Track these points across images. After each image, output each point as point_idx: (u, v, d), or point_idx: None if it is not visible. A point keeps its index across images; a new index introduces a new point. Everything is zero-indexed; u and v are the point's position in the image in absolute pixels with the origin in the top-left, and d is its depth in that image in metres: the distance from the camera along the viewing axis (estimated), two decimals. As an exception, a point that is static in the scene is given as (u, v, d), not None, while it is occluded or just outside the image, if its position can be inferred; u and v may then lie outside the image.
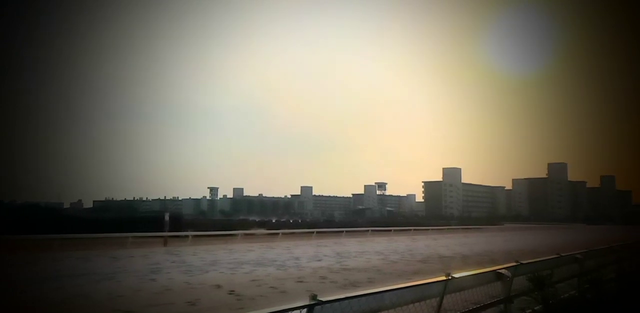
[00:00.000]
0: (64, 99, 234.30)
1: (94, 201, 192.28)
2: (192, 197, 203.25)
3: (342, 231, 52.81)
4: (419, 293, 5.45)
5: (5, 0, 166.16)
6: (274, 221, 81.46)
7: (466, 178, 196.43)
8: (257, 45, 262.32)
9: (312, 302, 3.64)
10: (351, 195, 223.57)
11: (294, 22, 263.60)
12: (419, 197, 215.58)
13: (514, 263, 7.83)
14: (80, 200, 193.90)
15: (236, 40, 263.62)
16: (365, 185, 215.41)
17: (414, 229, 64.65)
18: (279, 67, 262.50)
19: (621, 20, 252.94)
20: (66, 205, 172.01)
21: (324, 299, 3.75)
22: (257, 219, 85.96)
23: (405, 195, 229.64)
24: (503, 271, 7.68)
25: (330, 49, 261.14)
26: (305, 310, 3.64)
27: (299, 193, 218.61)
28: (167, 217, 38.12)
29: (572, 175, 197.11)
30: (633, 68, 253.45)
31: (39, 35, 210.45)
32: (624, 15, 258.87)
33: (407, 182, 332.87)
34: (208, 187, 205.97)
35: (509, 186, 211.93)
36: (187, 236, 37.85)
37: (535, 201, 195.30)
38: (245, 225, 64.13)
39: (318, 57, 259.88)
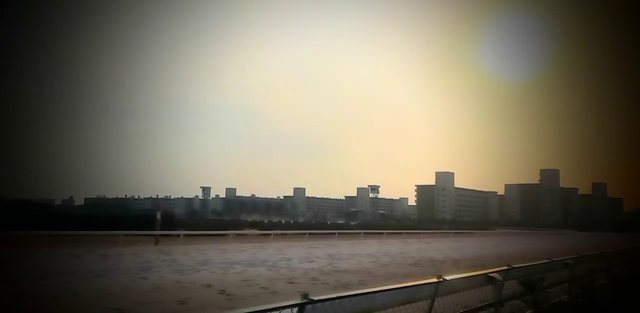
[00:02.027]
0: (57, 97, 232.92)
1: (85, 198, 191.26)
2: (184, 196, 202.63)
3: (334, 233, 52.88)
4: (410, 295, 5.45)
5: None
6: (266, 222, 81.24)
7: (459, 182, 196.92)
8: (252, 45, 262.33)
9: (304, 301, 3.64)
10: (344, 198, 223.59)
11: (289, 23, 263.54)
12: (412, 201, 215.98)
13: (505, 267, 7.84)
14: (71, 197, 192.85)
15: (231, 40, 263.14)
16: (358, 188, 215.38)
17: (406, 232, 64.81)
18: (274, 68, 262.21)
19: (617, 29, 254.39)
20: (57, 202, 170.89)
21: (315, 298, 3.74)
22: (250, 219, 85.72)
23: (398, 198, 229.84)
24: (494, 275, 7.69)
25: (325, 51, 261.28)
26: (296, 308, 3.63)
27: (291, 194, 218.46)
28: (158, 216, 38.04)
29: (564, 182, 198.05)
30: (627, 75, 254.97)
31: (32, 33, 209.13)
32: (620, 24, 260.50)
33: (400, 186, 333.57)
34: (200, 187, 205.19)
35: (501, 191, 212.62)
36: (178, 235, 37.76)
37: (527, 207, 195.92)
38: (237, 225, 63.97)
39: (313, 58, 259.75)
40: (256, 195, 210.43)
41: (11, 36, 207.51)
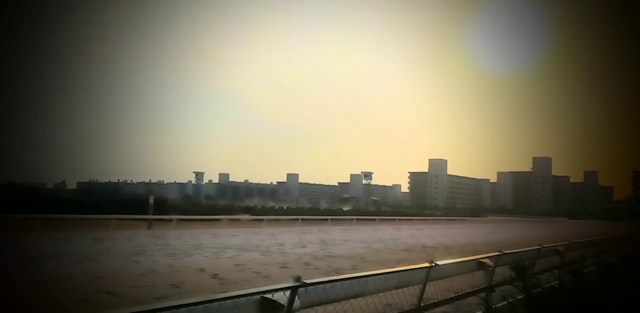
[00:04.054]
0: (50, 82, 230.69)
1: (77, 182, 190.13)
2: (177, 181, 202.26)
3: (327, 219, 53.03)
4: (402, 279, 5.47)
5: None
6: (259, 207, 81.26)
7: (452, 170, 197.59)
8: (249, 32, 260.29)
9: (296, 284, 3.64)
10: (337, 184, 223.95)
11: (286, 12, 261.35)
12: (405, 188, 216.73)
13: (496, 253, 7.89)
14: (63, 181, 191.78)
15: (229, 29, 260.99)
16: (351, 174, 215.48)
17: (399, 219, 65.12)
18: (269, 55, 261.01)
19: (610, 18, 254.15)
20: (49, 186, 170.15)
21: (307, 281, 3.74)
22: (243, 205, 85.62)
23: (391, 185, 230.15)
24: (486, 260, 7.73)
25: (320, 40, 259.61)
26: (289, 291, 3.63)
27: (285, 180, 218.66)
28: (151, 200, 38.02)
29: (557, 170, 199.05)
30: (619, 65, 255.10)
31: (29, 21, 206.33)
32: (613, 14, 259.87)
33: (393, 173, 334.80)
34: (194, 172, 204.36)
35: (494, 179, 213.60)
36: (171, 220, 37.75)
37: (519, 194, 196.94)
38: (230, 210, 63.91)
39: (308, 47, 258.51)
40: (249, 181, 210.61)
41: (7, 24, 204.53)
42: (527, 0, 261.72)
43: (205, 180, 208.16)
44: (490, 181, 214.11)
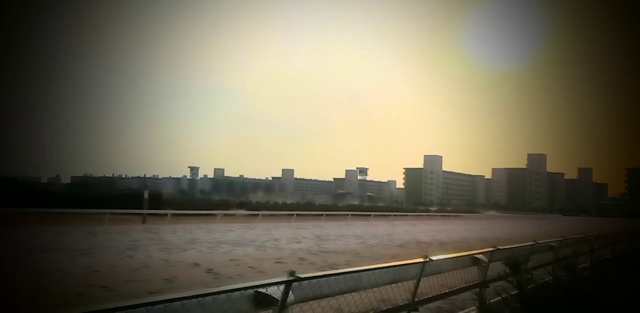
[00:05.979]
0: (46, 76, 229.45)
1: (72, 177, 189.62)
2: (172, 176, 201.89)
3: (322, 214, 53.06)
4: (396, 274, 5.46)
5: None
6: (254, 202, 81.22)
7: (447, 166, 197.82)
8: (245, 28, 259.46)
9: (290, 278, 3.63)
10: (332, 180, 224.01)
11: (282, 7, 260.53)
12: (400, 184, 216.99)
13: (491, 249, 7.89)
14: (58, 176, 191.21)
15: (224, 23, 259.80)
16: (346, 170, 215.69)
17: (394, 215, 65.25)
18: (265, 51, 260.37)
19: (605, 15, 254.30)
20: (44, 180, 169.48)
21: (302, 276, 3.73)
22: (238, 200, 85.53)
23: (386, 181, 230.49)
24: (480, 256, 7.73)
25: (316, 36, 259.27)
26: (283, 286, 3.62)
27: (280, 175, 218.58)
28: (146, 195, 37.93)
29: (551, 167, 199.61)
30: (614, 62, 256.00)
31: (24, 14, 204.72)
32: (607, 11, 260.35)
33: (388, 168, 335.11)
34: (188, 167, 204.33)
35: (488, 175, 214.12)
36: (166, 214, 37.69)
37: (513, 191, 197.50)
38: (225, 205, 63.84)
39: (304, 43, 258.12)
40: (244, 176, 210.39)
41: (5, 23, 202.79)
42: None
43: (200, 175, 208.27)
44: (485, 177, 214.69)
